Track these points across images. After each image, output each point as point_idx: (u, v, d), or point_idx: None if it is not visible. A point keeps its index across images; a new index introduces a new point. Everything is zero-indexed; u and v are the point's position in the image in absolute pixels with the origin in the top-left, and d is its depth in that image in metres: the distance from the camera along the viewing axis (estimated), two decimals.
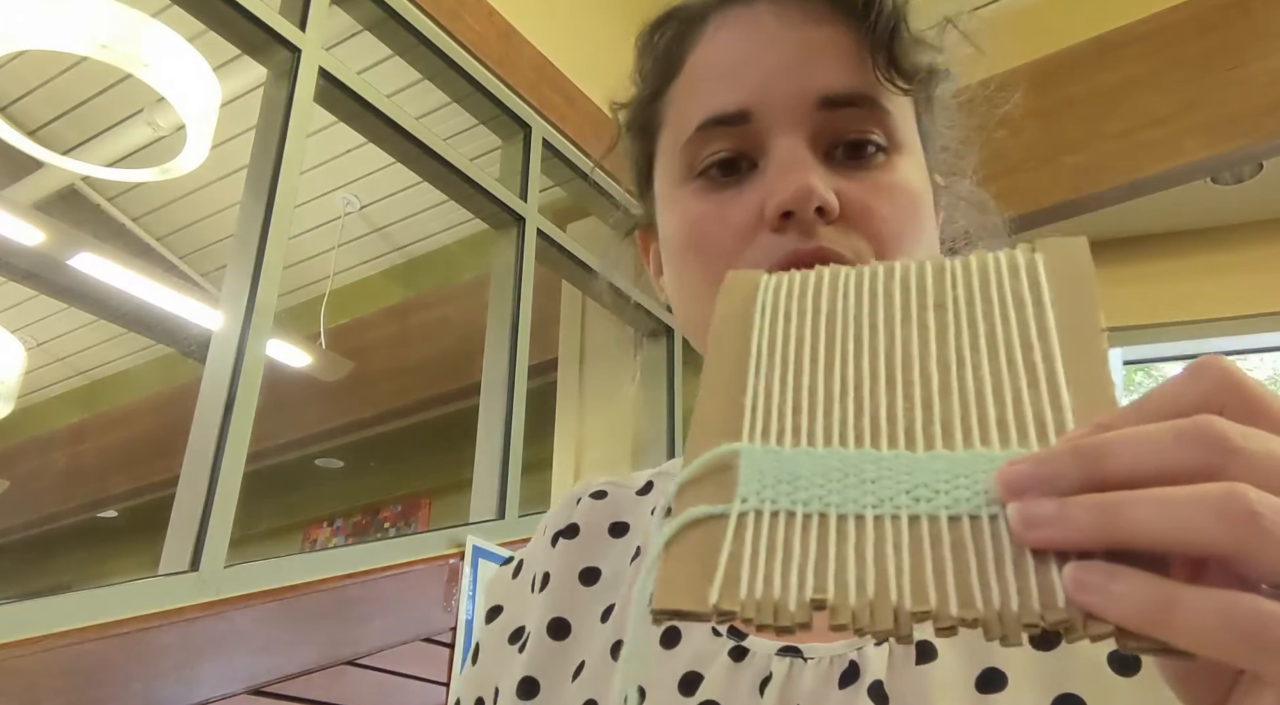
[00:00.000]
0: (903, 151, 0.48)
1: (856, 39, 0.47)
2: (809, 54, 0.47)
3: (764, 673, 0.45)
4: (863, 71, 0.47)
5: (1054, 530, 0.24)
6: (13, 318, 4.49)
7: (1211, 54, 2.87)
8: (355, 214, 4.03)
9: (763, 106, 0.47)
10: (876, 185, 0.46)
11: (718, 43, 0.50)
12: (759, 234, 0.46)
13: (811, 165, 0.45)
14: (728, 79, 0.48)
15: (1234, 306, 3.35)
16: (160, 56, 2.11)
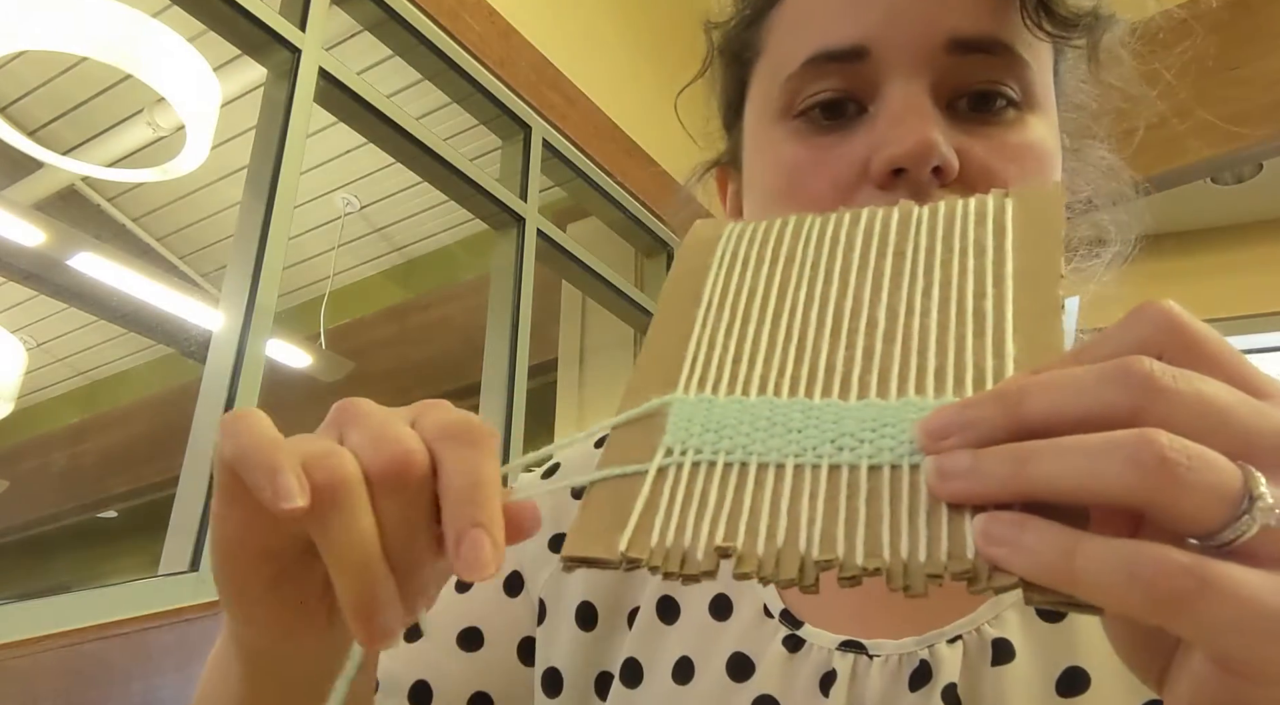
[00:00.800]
0: (1037, 109, 0.43)
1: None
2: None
3: (824, 668, 0.43)
4: (1004, 11, 0.41)
5: (966, 483, 0.23)
6: (13, 318, 4.49)
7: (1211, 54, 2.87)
8: (355, 214, 4.03)
9: (882, 43, 0.40)
10: (1004, 145, 0.41)
11: None
12: (861, 188, 0.41)
13: (932, 116, 0.40)
14: (844, 7, 0.42)
15: (1234, 306, 3.35)
16: (160, 56, 2.11)
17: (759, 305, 0.33)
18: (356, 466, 0.28)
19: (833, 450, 0.27)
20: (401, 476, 0.28)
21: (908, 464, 0.26)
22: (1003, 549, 0.22)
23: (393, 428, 0.29)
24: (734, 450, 0.28)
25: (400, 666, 0.50)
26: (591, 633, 0.49)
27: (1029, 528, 0.22)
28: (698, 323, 0.33)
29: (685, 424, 0.29)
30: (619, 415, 0.30)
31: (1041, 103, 0.43)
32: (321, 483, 0.27)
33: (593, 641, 0.49)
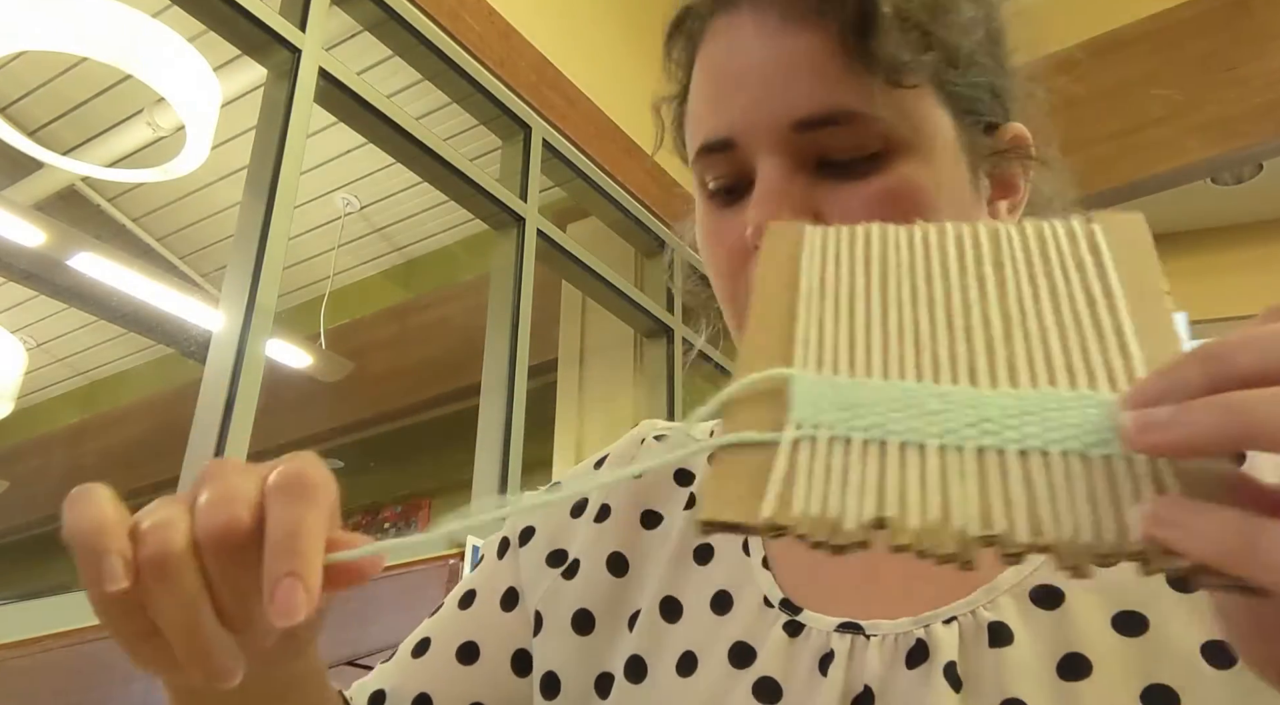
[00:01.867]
0: (901, 152, 0.45)
1: (835, 42, 0.44)
2: (784, 71, 0.45)
3: (823, 650, 0.44)
4: (843, 78, 0.44)
5: (1172, 432, 0.23)
6: (13, 318, 4.49)
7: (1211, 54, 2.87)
8: (355, 214, 4.03)
9: (744, 134, 0.46)
10: (869, 195, 0.45)
11: (708, 58, 0.49)
12: (750, 255, 0.47)
13: (784, 192, 0.45)
14: (713, 105, 0.48)
15: (1234, 306, 3.35)
16: (160, 56, 2.11)
17: (863, 297, 0.33)
18: (185, 534, 0.32)
19: (975, 434, 0.27)
20: (225, 539, 0.31)
21: (1057, 451, 0.26)
22: (1175, 532, 0.22)
23: (234, 489, 0.33)
24: (871, 428, 0.28)
25: (404, 681, 0.54)
26: (588, 637, 0.51)
27: (1204, 512, 0.22)
28: (801, 308, 0.33)
29: (813, 400, 0.28)
30: (734, 384, 0.29)
31: (909, 141, 0.45)
32: (146, 557, 0.32)
33: (590, 645, 0.51)
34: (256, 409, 1.52)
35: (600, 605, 0.52)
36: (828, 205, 0.45)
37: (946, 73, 0.47)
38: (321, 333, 3.98)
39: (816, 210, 0.45)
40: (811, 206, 0.45)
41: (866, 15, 0.44)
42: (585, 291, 2.81)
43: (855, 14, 0.44)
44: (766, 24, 0.46)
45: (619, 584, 0.52)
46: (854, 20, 0.44)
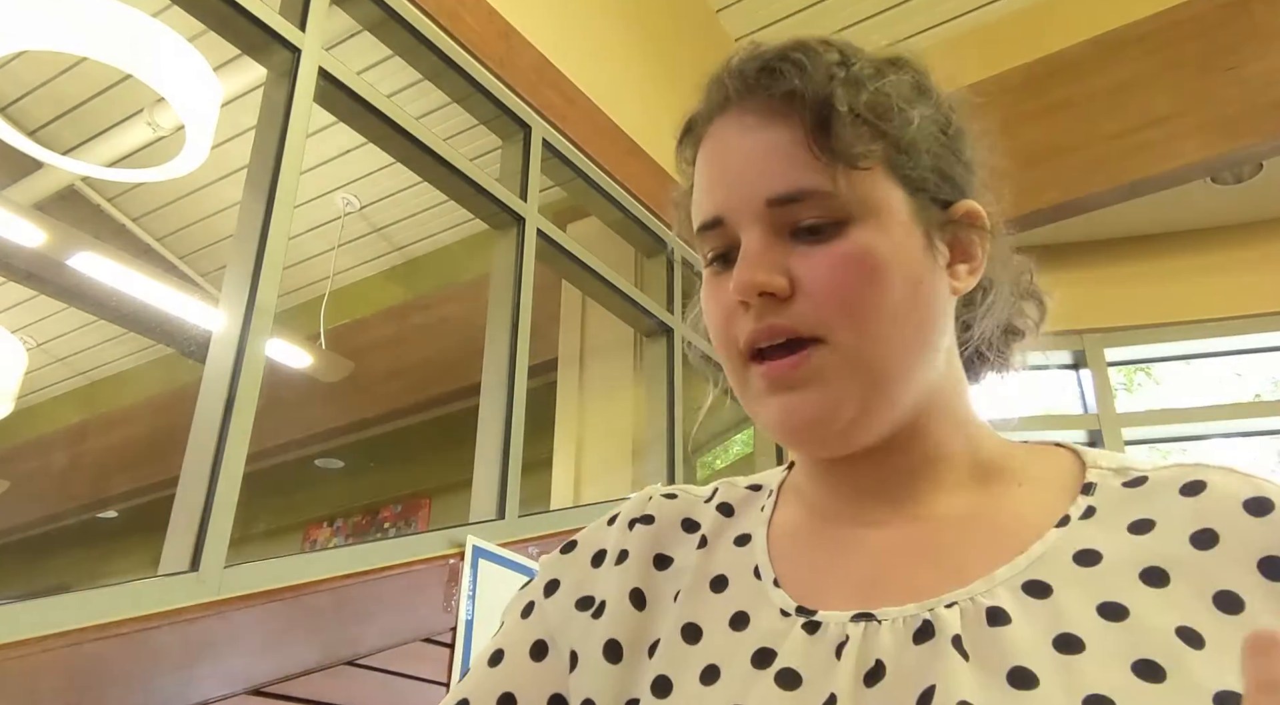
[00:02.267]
0: (859, 221, 0.54)
1: (800, 135, 0.54)
2: (758, 159, 0.55)
3: (839, 638, 0.50)
4: (806, 163, 0.54)
5: None
6: (13, 318, 4.49)
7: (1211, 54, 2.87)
8: (355, 214, 4.03)
9: (729, 212, 0.56)
10: (827, 258, 0.53)
11: (705, 155, 0.59)
12: (739, 313, 0.55)
13: (761, 257, 0.54)
14: (707, 190, 0.58)
15: (1233, 306, 3.35)
16: (160, 56, 2.11)
17: None
18: None
19: None
20: None
21: None
22: None
23: None
24: None
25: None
26: (618, 666, 0.57)
27: None
28: None
29: None
30: None
31: (863, 214, 0.54)
32: None
33: (620, 673, 0.57)
34: (256, 409, 1.52)
35: (626, 636, 0.58)
36: (798, 265, 0.54)
37: (896, 158, 0.56)
38: (321, 333, 3.98)
39: (788, 269, 0.53)
40: (783, 267, 0.54)
41: (824, 114, 0.54)
42: (585, 291, 2.81)
43: (815, 113, 0.54)
44: (747, 122, 0.56)
45: (641, 617, 0.58)
46: (815, 118, 0.54)
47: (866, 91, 0.55)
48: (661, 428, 2.72)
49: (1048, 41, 3.20)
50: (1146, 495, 0.52)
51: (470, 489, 2.07)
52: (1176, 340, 3.44)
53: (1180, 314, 3.40)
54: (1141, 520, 0.51)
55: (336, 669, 1.54)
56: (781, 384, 0.53)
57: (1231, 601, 0.46)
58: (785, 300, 0.53)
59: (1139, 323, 3.42)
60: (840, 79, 0.55)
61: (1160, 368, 3.61)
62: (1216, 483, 0.51)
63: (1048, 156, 2.96)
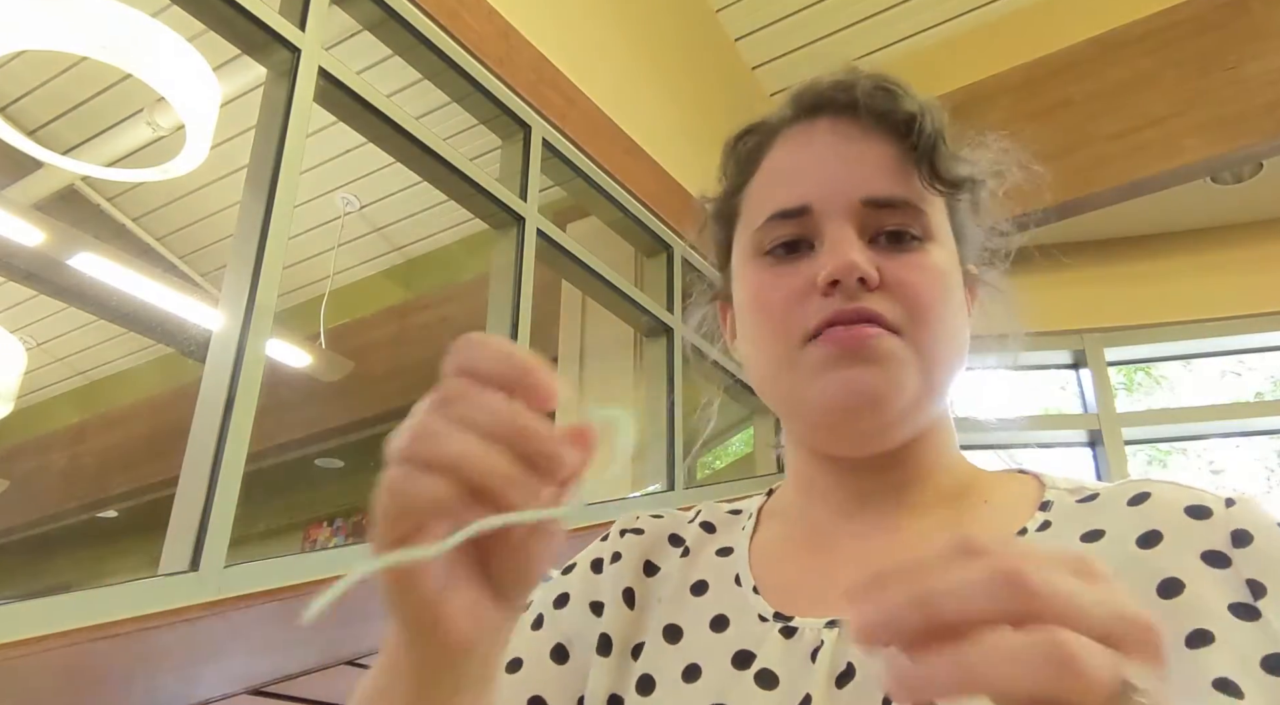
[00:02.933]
0: (935, 241, 0.58)
1: (900, 153, 0.58)
2: (859, 162, 0.58)
3: (815, 643, 0.53)
4: (904, 179, 0.58)
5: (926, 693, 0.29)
6: (13, 318, 4.49)
7: (1211, 54, 2.87)
8: (355, 214, 4.03)
9: (819, 202, 0.58)
10: (910, 264, 0.57)
11: (785, 150, 0.62)
12: (810, 297, 0.56)
13: (856, 246, 0.56)
14: (792, 180, 0.60)
15: (1233, 306, 3.35)
16: (160, 56, 2.11)
17: None
18: None
19: None
20: None
21: None
22: None
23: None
24: None
25: None
26: (608, 659, 0.59)
27: None
28: None
29: None
30: None
31: (937, 235, 0.59)
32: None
33: (608, 667, 0.59)
34: (256, 409, 1.52)
35: (617, 632, 0.60)
36: (884, 264, 0.56)
37: (959, 199, 0.62)
38: (321, 332, 3.98)
39: (877, 266, 0.56)
40: (872, 263, 0.55)
41: (934, 142, 0.58)
42: (585, 291, 2.81)
43: (929, 138, 0.58)
44: (844, 130, 0.60)
45: (631, 616, 0.61)
46: (925, 142, 0.58)
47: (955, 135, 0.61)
48: (661, 428, 2.72)
49: (1048, 41, 3.20)
50: (1098, 509, 0.56)
51: None
52: (1176, 340, 3.44)
53: (1180, 314, 3.40)
54: (1093, 531, 0.54)
55: (336, 669, 1.54)
56: (854, 355, 0.54)
57: (1173, 586, 0.48)
58: (870, 290, 0.55)
59: (1139, 323, 3.42)
60: (944, 121, 0.60)
61: (1160, 368, 3.61)
62: (1160, 493, 0.54)
63: (1048, 156, 2.96)
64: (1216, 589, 0.48)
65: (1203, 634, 0.46)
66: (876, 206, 0.57)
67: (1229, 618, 0.47)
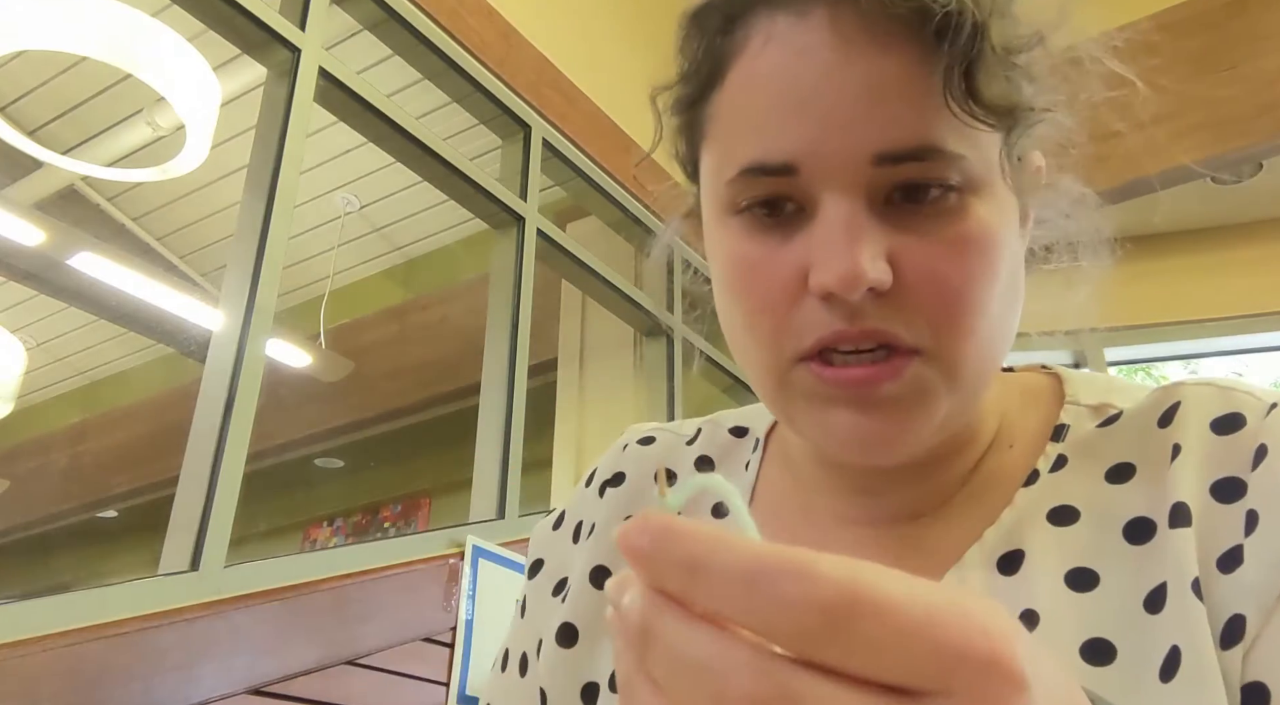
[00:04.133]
0: (979, 190, 0.41)
1: (928, 67, 0.39)
2: (868, 95, 0.40)
3: None
4: (932, 111, 0.40)
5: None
6: (13, 318, 4.49)
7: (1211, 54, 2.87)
8: (355, 214, 4.03)
9: (812, 160, 0.41)
10: (942, 241, 0.41)
11: (765, 63, 0.42)
12: (804, 297, 0.42)
13: (861, 235, 0.40)
14: (773, 122, 0.41)
15: (1234, 306, 3.35)
16: (160, 56, 2.11)
17: None
18: None
19: None
20: None
21: None
22: None
23: None
24: None
25: None
26: (572, 650, 0.53)
27: None
28: None
29: None
30: None
31: (983, 182, 0.42)
32: None
33: (574, 657, 0.53)
34: (256, 409, 1.52)
35: (583, 618, 0.54)
36: (900, 249, 0.40)
37: (1022, 115, 0.43)
38: (321, 332, 3.98)
39: (891, 253, 0.40)
40: (885, 249, 0.40)
41: (976, 50, 0.39)
42: (585, 291, 2.81)
43: (965, 45, 0.39)
44: (848, 38, 0.40)
45: (600, 597, 0.53)
46: (963, 51, 0.39)
47: (1010, 23, 0.41)
48: None
49: None
50: (1122, 434, 0.46)
51: (470, 489, 2.07)
52: (1176, 340, 3.44)
53: (1180, 314, 3.40)
54: (1120, 465, 0.45)
55: (336, 669, 1.54)
56: (864, 400, 0.41)
57: (1141, 529, 0.43)
58: (881, 295, 0.40)
59: (1138, 323, 3.42)
60: (992, 5, 0.40)
61: (1160, 368, 3.61)
62: (1190, 401, 0.45)
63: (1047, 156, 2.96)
64: (1213, 536, 0.41)
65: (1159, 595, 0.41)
66: (893, 162, 0.40)
67: (1216, 574, 0.40)
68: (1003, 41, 0.40)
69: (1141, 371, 3.63)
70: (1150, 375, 3.63)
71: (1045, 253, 0.52)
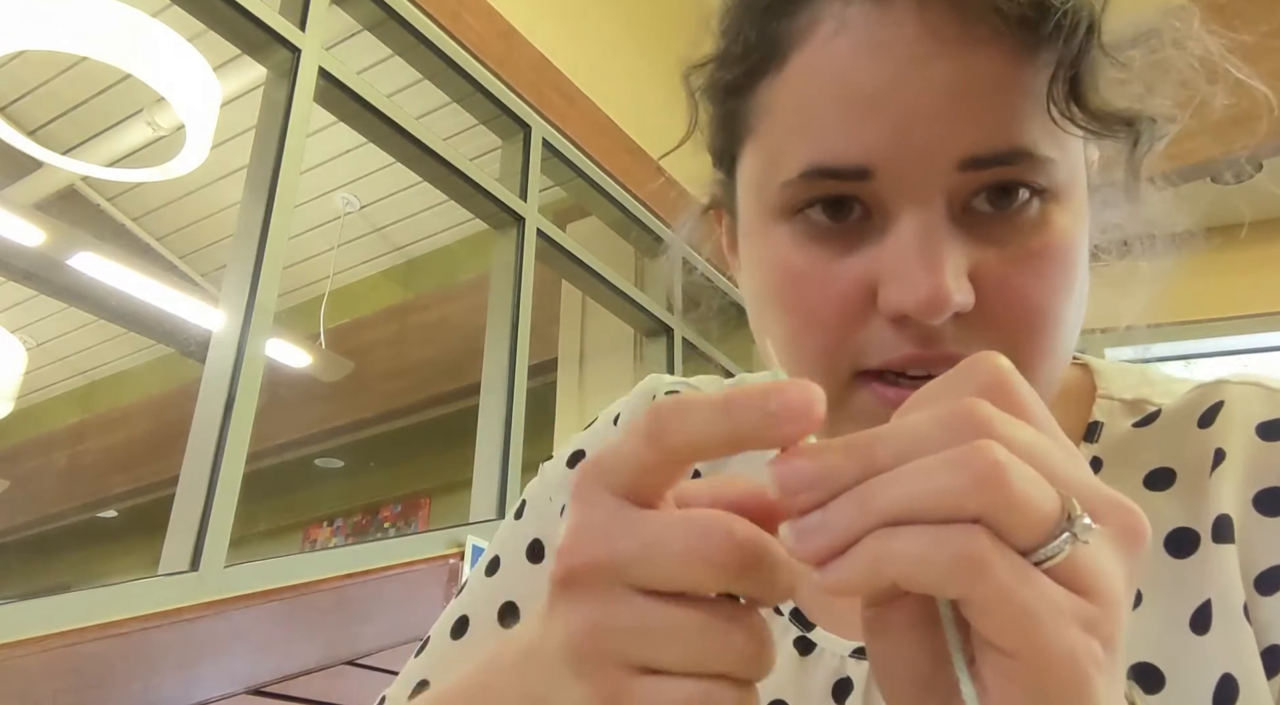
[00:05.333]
0: (1062, 197, 0.38)
1: (1025, 66, 0.36)
2: (958, 95, 0.36)
3: (837, 675, 0.42)
4: (1026, 114, 0.36)
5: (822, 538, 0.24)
6: (13, 318, 4.49)
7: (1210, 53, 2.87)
8: (355, 214, 4.03)
9: (888, 165, 0.36)
10: (1024, 252, 0.37)
11: (836, 53, 0.37)
12: (870, 317, 0.38)
13: (944, 251, 0.36)
14: (846, 117, 0.37)
15: (1234, 306, 3.35)
16: (160, 56, 2.11)
17: None
18: None
19: None
20: None
21: None
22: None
23: None
24: None
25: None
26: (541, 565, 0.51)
27: None
28: None
29: None
30: None
31: (1067, 189, 0.39)
32: None
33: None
34: (256, 409, 1.52)
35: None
36: (983, 264, 0.37)
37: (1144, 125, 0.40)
38: (321, 333, 3.98)
39: (972, 271, 0.37)
40: (967, 267, 0.37)
41: (1082, 51, 0.35)
42: (585, 291, 2.81)
43: (1073, 44, 0.35)
44: (937, 31, 0.36)
45: None
46: (1070, 51, 0.35)
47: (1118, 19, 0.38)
48: None
49: None
50: (1161, 435, 0.43)
51: (470, 489, 2.07)
52: (1177, 340, 3.43)
53: (1180, 314, 3.40)
54: (1159, 470, 0.42)
55: (336, 669, 1.54)
56: None
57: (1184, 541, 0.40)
58: (961, 315, 0.37)
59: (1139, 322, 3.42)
60: (1099, 9, 0.36)
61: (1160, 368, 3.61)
62: (1235, 402, 0.42)
63: None
64: (1254, 552, 0.38)
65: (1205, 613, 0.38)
66: (980, 167, 0.36)
67: (1255, 596, 0.38)
68: (1114, 45, 0.37)
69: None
70: None
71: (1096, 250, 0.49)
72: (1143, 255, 0.51)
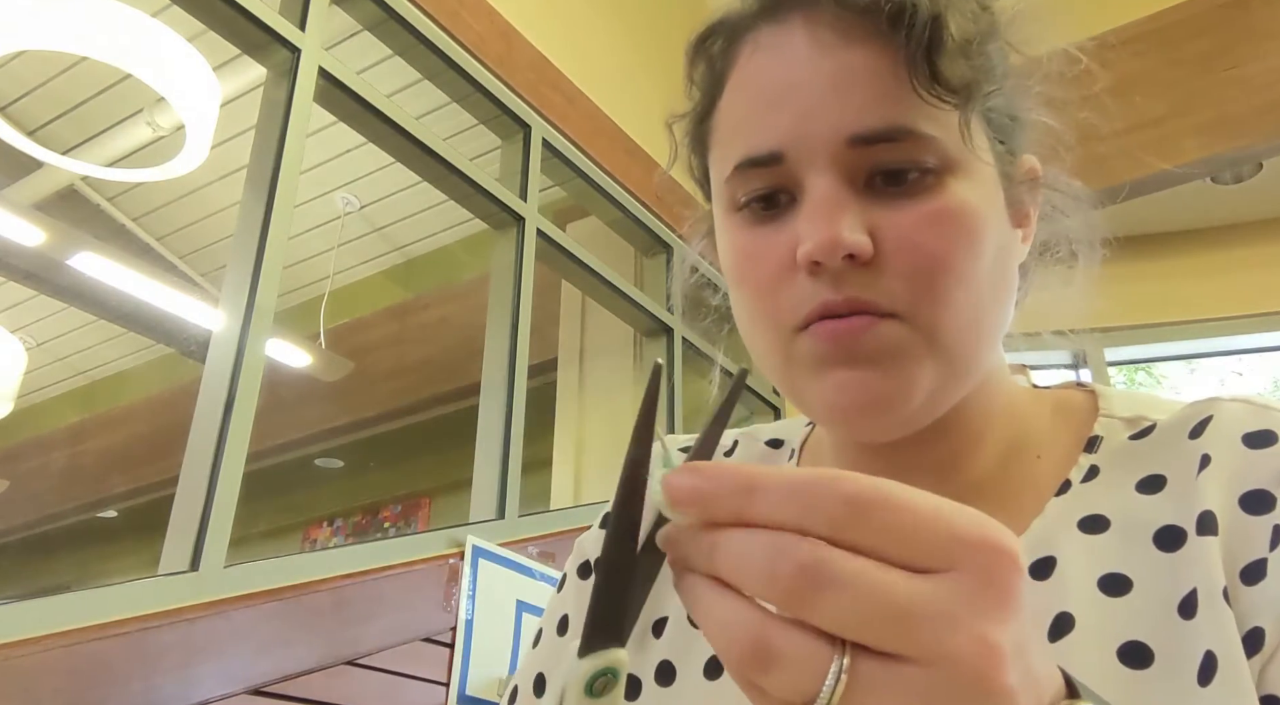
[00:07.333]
0: (957, 170, 0.45)
1: (893, 57, 0.44)
2: (840, 85, 0.44)
3: None
4: (900, 97, 0.44)
5: (673, 551, 0.30)
6: (13, 318, 4.49)
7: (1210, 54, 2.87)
8: (355, 214, 4.03)
9: (794, 147, 0.45)
10: (920, 214, 0.44)
11: (752, 70, 0.48)
12: (795, 276, 0.45)
13: (841, 208, 0.43)
14: (759, 118, 0.46)
15: (1234, 306, 3.35)
16: (160, 56, 2.11)
17: None
18: None
19: None
20: None
21: None
22: None
23: None
24: None
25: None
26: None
27: None
28: None
29: None
30: None
31: (959, 162, 0.45)
32: None
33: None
34: (256, 409, 1.52)
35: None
36: (881, 222, 0.44)
37: (992, 98, 0.47)
38: (321, 332, 3.98)
39: (872, 227, 0.44)
40: (866, 222, 0.44)
41: (935, 38, 0.43)
42: (585, 291, 2.81)
43: (924, 34, 0.43)
44: (820, 37, 0.46)
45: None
46: (922, 40, 0.43)
47: (969, 13, 0.46)
48: (662, 428, 2.72)
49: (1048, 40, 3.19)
50: (1155, 446, 0.48)
51: (470, 489, 2.07)
52: (1177, 340, 3.44)
53: (1180, 314, 3.40)
54: (1151, 477, 0.47)
55: (336, 669, 1.54)
56: (847, 353, 0.44)
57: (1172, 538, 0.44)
58: (865, 264, 0.43)
59: (1138, 323, 3.42)
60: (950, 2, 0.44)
61: (1161, 367, 3.61)
62: (1223, 415, 0.46)
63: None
64: (1239, 546, 0.42)
65: (1190, 603, 0.42)
66: (867, 143, 0.44)
67: (1240, 585, 0.42)
68: (962, 32, 0.44)
69: (1142, 371, 3.63)
70: (1151, 375, 3.63)
71: (1042, 248, 0.55)
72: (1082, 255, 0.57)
